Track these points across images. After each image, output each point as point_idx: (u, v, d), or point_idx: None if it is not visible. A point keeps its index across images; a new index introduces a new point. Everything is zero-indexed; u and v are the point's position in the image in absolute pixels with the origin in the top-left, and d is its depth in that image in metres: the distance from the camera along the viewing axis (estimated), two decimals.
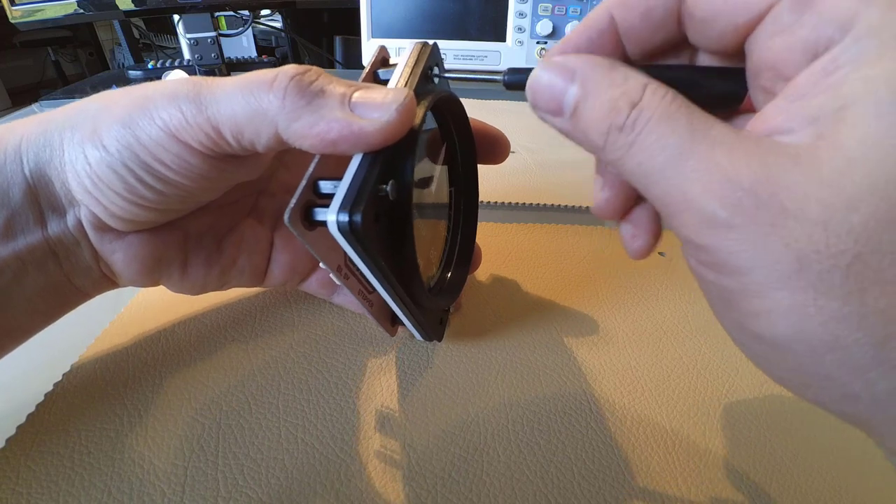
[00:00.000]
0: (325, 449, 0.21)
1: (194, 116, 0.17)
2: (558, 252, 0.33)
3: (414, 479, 0.20)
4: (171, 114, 0.17)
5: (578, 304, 0.28)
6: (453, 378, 0.24)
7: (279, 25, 1.15)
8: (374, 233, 0.16)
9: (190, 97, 0.17)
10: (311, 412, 0.22)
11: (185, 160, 0.18)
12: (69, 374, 0.24)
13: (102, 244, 0.20)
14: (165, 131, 0.17)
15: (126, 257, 0.20)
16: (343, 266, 0.19)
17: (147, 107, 0.17)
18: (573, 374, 0.24)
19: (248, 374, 0.24)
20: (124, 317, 0.27)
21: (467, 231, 0.26)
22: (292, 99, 0.16)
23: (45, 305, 0.20)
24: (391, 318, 0.23)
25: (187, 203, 0.20)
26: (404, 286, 0.19)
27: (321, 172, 0.17)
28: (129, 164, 0.17)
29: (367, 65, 0.21)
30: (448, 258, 0.26)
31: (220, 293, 0.26)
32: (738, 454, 0.20)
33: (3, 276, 0.18)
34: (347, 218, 0.15)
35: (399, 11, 0.68)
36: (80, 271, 0.20)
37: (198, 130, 0.17)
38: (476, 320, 0.27)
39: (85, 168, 0.18)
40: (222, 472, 0.20)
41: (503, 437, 0.21)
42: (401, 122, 0.16)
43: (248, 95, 0.16)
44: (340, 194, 0.16)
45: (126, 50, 0.94)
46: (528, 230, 0.36)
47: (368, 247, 0.16)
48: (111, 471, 0.20)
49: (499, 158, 0.26)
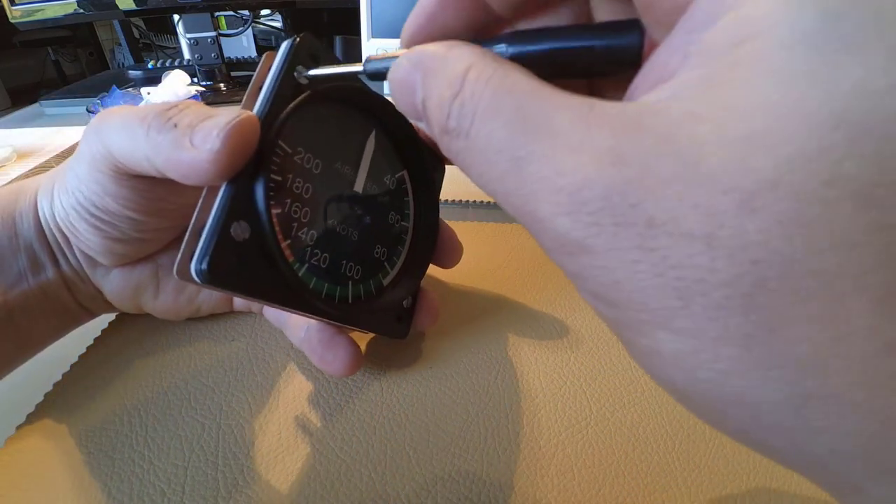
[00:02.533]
0: (325, 449, 0.21)
1: (97, 145, 0.19)
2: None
3: (414, 478, 0.20)
4: (86, 149, 0.19)
5: (579, 303, 0.28)
6: (453, 378, 0.24)
7: (279, 25, 1.15)
8: (240, 272, 0.16)
9: (91, 132, 0.19)
10: (311, 412, 0.22)
11: (107, 188, 0.19)
12: (69, 374, 0.24)
13: (95, 277, 0.23)
14: (87, 164, 0.19)
15: (113, 287, 0.23)
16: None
17: (80, 150, 0.20)
18: (573, 372, 0.24)
19: (248, 374, 0.24)
20: (124, 318, 0.27)
21: (423, 221, 0.25)
22: (153, 134, 0.17)
23: (61, 324, 0.23)
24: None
25: (145, 233, 0.22)
26: (305, 305, 0.19)
27: (205, 215, 0.17)
28: (80, 202, 0.20)
29: (253, 78, 0.19)
30: (408, 250, 0.24)
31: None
32: (739, 454, 0.20)
33: (32, 301, 0.22)
34: (201, 267, 0.15)
35: (399, 11, 0.68)
36: (87, 298, 0.24)
37: (101, 158, 0.19)
38: (477, 320, 0.27)
39: (60, 212, 0.21)
40: (222, 472, 0.20)
41: (503, 436, 0.21)
42: (230, 149, 0.15)
43: (127, 129, 0.18)
44: (199, 245, 0.16)
45: (126, 50, 0.94)
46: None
47: (236, 285, 0.16)
48: (111, 471, 0.20)
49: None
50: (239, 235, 0.16)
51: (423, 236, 0.25)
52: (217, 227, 0.16)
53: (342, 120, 0.21)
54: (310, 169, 0.19)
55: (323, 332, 0.22)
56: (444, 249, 0.26)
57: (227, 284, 0.16)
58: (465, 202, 0.40)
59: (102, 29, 2.34)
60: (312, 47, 0.19)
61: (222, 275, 0.16)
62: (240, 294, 0.17)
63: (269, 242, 0.17)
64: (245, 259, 0.17)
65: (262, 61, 0.19)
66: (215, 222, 0.16)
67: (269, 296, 0.18)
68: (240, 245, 0.16)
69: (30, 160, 0.47)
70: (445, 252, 0.26)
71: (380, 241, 0.23)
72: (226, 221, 0.16)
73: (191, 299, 0.25)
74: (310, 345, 0.23)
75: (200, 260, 0.16)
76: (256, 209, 0.17)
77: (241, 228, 0.16)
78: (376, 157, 0.22)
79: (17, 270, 0.21)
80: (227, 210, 0.16)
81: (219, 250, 0.16)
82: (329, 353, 0.22)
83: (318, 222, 0.20)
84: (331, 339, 0.22)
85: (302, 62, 0.18)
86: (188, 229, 0.17)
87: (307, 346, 0.23)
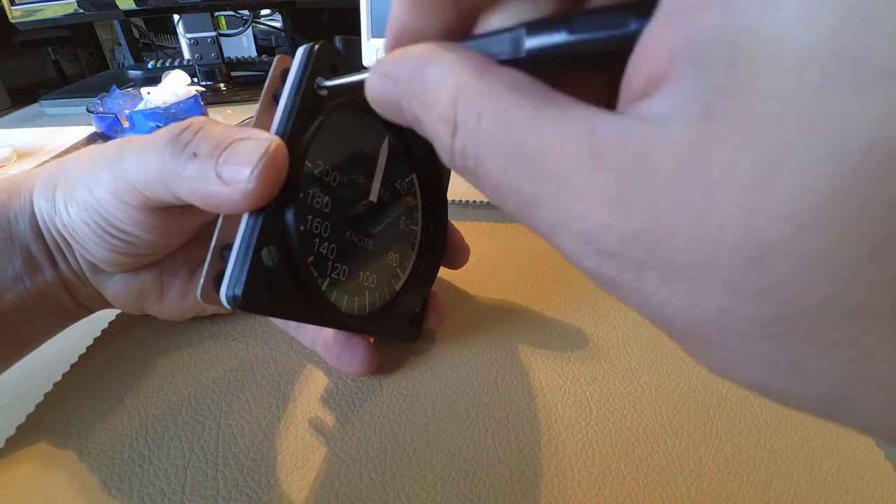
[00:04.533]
0: (325, 448, 0.21)
1: (118, 179, 0.18)
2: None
3: (414, 479, 0.20)
4: (109, 177, 0.19)
5: (578, 303, 0.28)
6: (454, 378, 0.24)
7: (279, 25, 1.15)
8: (273, 294, 0.16)
9: (113, 161, 0.19)
10: (311, 412, 0.22)
11: (132, 216, 0.19)
12: (69, 374, 0.24)
13: (97, 281, 0.23)
14: (110, 193, 0.19)
15: (116, 291, 0.23)
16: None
17: (97, 170, 0.19)
18: (573, 372, 0.24)
19: (248, 374, 0.24)
20: (124, 317, 0.27)
21: (432, 224, 0.25)
22: (169, 163, 0.17)
23: (58, 322, 0.23)
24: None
25: (159, 249, 0.22)
26: (326, 319, 0.19)
27: (226, 235, 0.17)
28: (95, 220, 0.20)
29: (266, 84, 0.18)
30: (418, 254, 0.25)
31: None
32: (738, 454, 0.20)
33: (29, 303, 0.21)
34: (234, 294, 0.15)
35: None
36: (86, 298, 0.23)
37: (126, 190, 0.18)
38: (477, 320, 0.27)
39: (67, 222, 0.20)
40: (222, 472, 0.20)
41: (503, 436, 0.21)
42: (263, 186, 0.15)
43: (143, 160, 0.17)
44: (228, 270, 0.16)
45: (126, 50, 0.94)
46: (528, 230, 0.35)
47: (271, 308, 0.16)
48: (111, 471, 0.20)
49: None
50: (269, 260, 0.16)
51: (433, 239, 0.25)
52: (248, 253, 0.16)
53: (358, 128, 0.21)
54: (328, 182, 0.19)
55: (338, 333, 0.23)
56: (452, 251, 0.26)
57: (258, 309, 0.16)
58: (465, 202, 0.40)
59: (102, 29, 2.34)
60: (331, 56, 0.18)
61: (254, 301, 0.16)
62: (269, 315, 0.17)
63: (298, 264, 0.17)
64: (275, 283, 0.16)
65: (274, 65, 0.18)
66: (245, 248, 0.16)
67: (296, 315, 0.18)
68: (270, 270, 0.16)
69: (30, 160, 0.47)
70: (453, 253, 0.26)
71: (392, 248, 0.23)
72: (257, 247, 0.16)
73: (196, 301, 0.25)
74: (325, 346, 0.23)
75: (232, 287, 0.15)
76: (288, 234, 0.17)
77: (271, 254, 0.16)
78: (389, 162, 0.22)
79: (13, 273, 0.21)
80: (258, 237, 0.16)
81: (251, 277, 0.16)
82: (346, 354, 0.22)
83: (338, 235, 0.20)
84: (347, 340, 0.23)
85: (321, 73, 0.17)
86: (210, 250, 0.17)
87: (322, 347, 0.23)
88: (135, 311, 0.25)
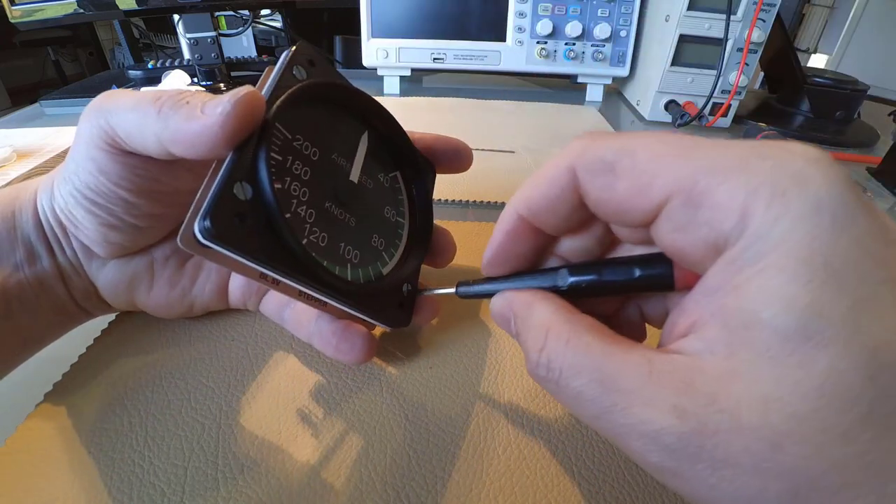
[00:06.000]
0: (326, 448, 0.21)
1: (97, 122, 0.19)
2: None
3: (414, 479, 0.20)
4: (86, 125, 0.20)
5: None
6: (454, 378, 0.24)
7: (279, 25, 1.15)
8: (243, 231, 0.17)
9: (96, 107, 0.20)
10: (311, 411, 0.22)
11: (102, 164, 0.20)
12: (69, 374, 0.24)
13: (91, 269, 0.23)
14: (84, 143, 0.20)
15: (108, 280, 0.24)
16: (265, 274, 0.19)
17: (78, 126, 0.20)
18: None
19: (247, 374, 0.24)
20: (124, 317, 0.27)
21: (418, 211, 0.26)
22: (165, 111, 0.18)
23: (58, 320, 0.24)
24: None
25: (145, 218, 0.22)
26: (309, 275, 0.19)
27: (207, 190, 0.17)
28: (77, 188, 0.21)
29: (257, 86, 0.21)
30: (407, 240, 0.25)
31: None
32: None
33: (29, 293, 0.22)
34: (205, 224, 0.16)
35: (399, 11, 0.68)
36: (81, 294, 0.24)
37: (98, 134, 0.20)
38: (477, 320, 0.27)
39: (59, 202, 0.22)
40: (222, 472, 0.20)
41: (503, 436, 0.21)
42: (239, 114, 0.17)
43: (138, 109, 0.19)
44: (202, 207, 0.16)
45: (126, 50, 0.94)
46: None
47: (241, 245, 0.17)
48: (111, 471, 0.20)
49: (463, 166, 0.28)
50: (241, 195, 0.17)
51: (419, 231, 0.26)
52: (220, 186, 0.17)
53: (337, 119, 0.23)
54: (308, 155, 0.21)
55: (335, 322, 0.23)
56: (438, 249, 0.27)
57: (229, 241, 0.16)
58: (465, 202, 0.40)
59: (102, 29, 2.34)
60: (308, 53, 0.22)
61: (224, 230, 0.16)
62: (243, 255, 0.17)
63: (271, 209, 0.18)
64: (247, 219, 0.17)
65: (264, 74, 0.21)
66: (219, 183, 0.17)
67: (274, 261, 0.18)
68: (242, 203, 0.17)
69: (30, 160, 0.47)
70: (439, 251, 0.27)
71: (377, 232, 0.24)
72: (228, 181, 0.17)
73: (184, 293, 0.25)
74: (322, 337, 0.23)
75: (204, 217, 0.16)
76: (258, 173, 0.18)
77: (243, 188, 0.17)
78: (370, 155, 0.24)
79: (14, 262, 0.22)
80: (230, 172, 0.17)
81: (221, 205, 0.16)
82: (345, 343, 0.23)
83: (317, 203, 0.21)
84: (344, 329, 0.23)
85: (299, 63, 0.21)
86: (192, 205, 0.17)
87: (319, 339, 0.23)
88: (126, 304, 0.25)
